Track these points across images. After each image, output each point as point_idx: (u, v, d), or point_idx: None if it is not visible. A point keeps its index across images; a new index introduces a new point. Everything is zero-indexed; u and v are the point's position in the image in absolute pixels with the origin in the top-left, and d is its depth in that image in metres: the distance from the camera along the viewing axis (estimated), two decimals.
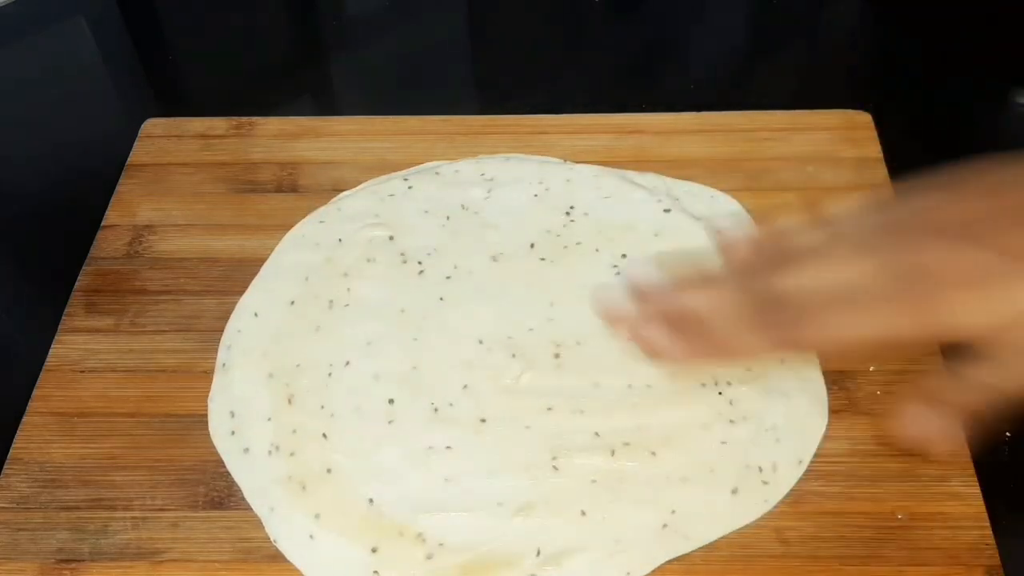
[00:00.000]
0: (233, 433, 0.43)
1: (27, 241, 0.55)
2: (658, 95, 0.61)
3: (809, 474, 0.42)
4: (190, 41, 0.68)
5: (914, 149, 0.54)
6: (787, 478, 0.42)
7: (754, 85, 0.63)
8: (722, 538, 0.40)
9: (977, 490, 0.41)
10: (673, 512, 0.41)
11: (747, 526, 0.41)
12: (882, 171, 0.52)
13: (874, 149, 0.54)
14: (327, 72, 0.67)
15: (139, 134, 0.56)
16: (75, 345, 0.47)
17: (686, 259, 0.43)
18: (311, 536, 0.40)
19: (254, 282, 0.49)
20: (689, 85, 0.63)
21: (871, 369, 0.45)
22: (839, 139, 0.54)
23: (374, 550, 0.40)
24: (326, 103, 0.65)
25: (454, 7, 0.70)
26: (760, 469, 0.42)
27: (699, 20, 0.68)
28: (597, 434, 0.42)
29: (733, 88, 0.63)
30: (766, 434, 0.43)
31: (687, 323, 0.41)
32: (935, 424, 0.38)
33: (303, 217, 0.52)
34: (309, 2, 0.72)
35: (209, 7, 0.70)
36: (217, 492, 0.42)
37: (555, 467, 0.42)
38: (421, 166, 0.54)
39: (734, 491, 0.41)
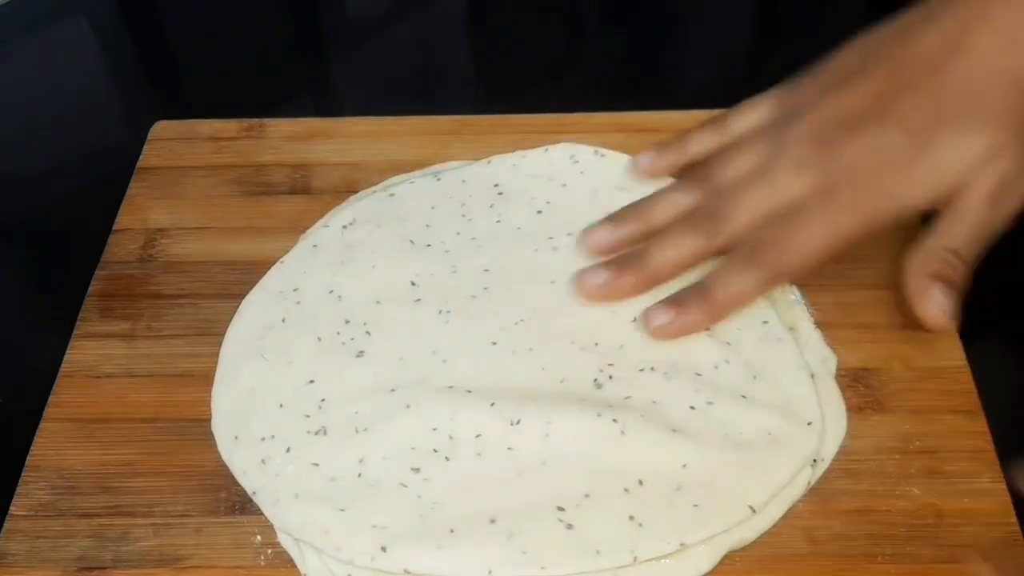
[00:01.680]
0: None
1: (38, 245, 0.54)
2: (660, 94, 0.61)
3: (835, 472, 0.42)
4: (191, 40, 0.68)
5: None
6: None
7: (760, 84, 0.63)
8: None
9: (1004, 486, 0.41)
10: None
11: (775, 525, 0.40)
12: None
13: None
14: (328, 72, 0.67)
15: (148, 137, 0.56)
16: (90, 350, 0.47)
17: (636, 211, 0.47)
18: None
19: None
20: (691, 84, 0.63)
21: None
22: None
23: None
24: (326, 103, 0.65)
25: (454, 7, 0.70)
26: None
27: (700, 19, 0.68)
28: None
29: (735, 87, 0.63)
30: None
31: (684, 292, 0.44)
32: (939, 299, 0.42)
33: (317, 219, 0.51)
34: (310, 1, 0.72)
35: (209, 6, 0.69)
36: (239, 497, 0.42)
37: (586, 495, 0.41)
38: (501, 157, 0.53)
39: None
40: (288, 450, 0.42)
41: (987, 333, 0.47)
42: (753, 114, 0.47)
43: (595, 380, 0.43)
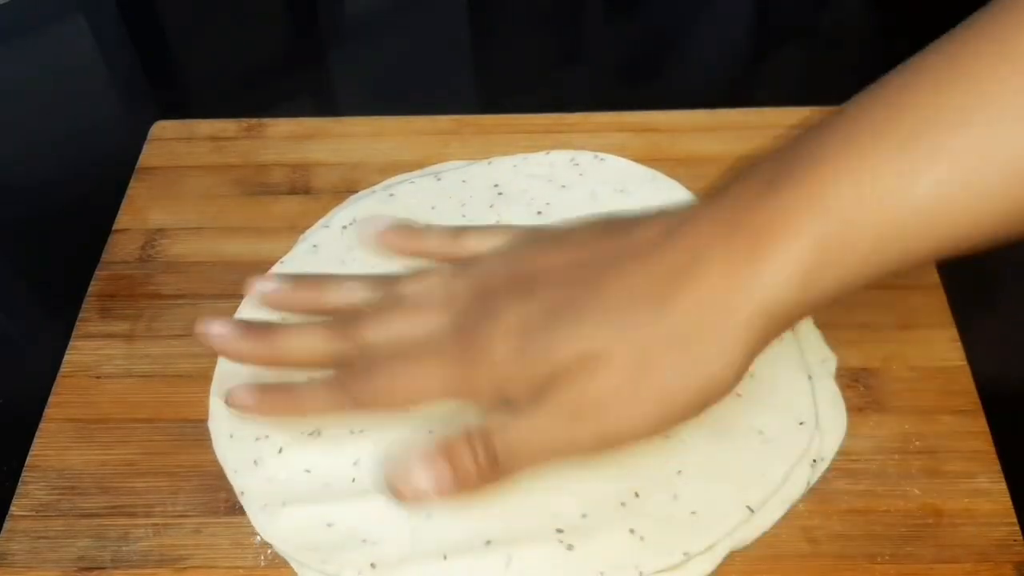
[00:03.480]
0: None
1: (37, 245, 0.54)
2: (662, 94, 0.61)
3: (834, 472, 0.42)
4: (190, 41, 0.68)
5: None
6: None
7: (761, 84, 0.63)
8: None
9: (1004, 486, 0.41)
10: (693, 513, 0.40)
11: (774, 525, 0.40)
12: None
13: None
14: (327, 72, 0.67)
15: (148, 137, 0.56)
16: (90, 351, 0.47)
17: (315, 283, 0.44)
18: None
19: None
20: (692, 83, 0.63)
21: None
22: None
23: None
24: (325, 103, 0.65)
25: (455, 6, 0.70)
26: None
27: (701, 18, 0.68)
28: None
29: (737, 87, 0.63)
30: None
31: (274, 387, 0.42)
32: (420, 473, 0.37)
33: (316, 219, 0.51)
34: (310, 2, 0.72)
35: (209, 6, 0.69)
36: (238, 497, 0.42)
37: (583, 515, 0.40)
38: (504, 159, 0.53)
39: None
40: (280, 451, 0.42)
41: (987, 332, 0.47)
42: (487, 242, 0.43)
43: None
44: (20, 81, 0.64)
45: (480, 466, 0.37)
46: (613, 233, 0.39)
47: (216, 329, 0.42)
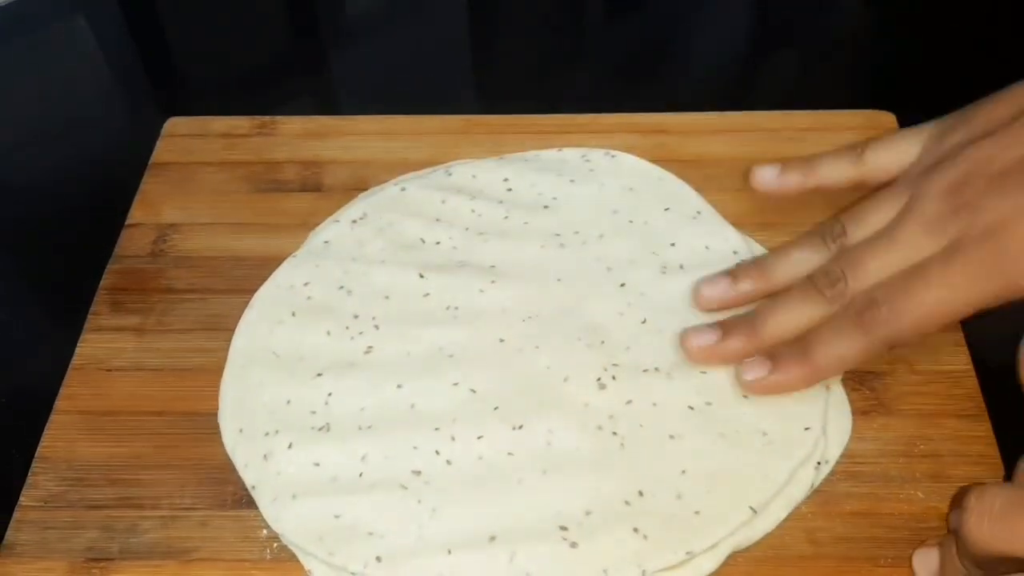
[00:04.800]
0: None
1: (42, 244, 0.55)
2: (662, 94, 0.61)
3: (838, 475, 0.42)
4: (191, 41, 0.68)
5: None
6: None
7: (760, 85, 0.63)
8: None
9: None
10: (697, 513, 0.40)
11: (777, 526, 0.40)
12: None
13: None
14: (329, 72, 0.67)
15: (162, 133, 0.56)
16: (101, 344, 0.47)
17: (757, 268, 0.45)
18: None
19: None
20: (693, 84, 0.63)
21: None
22: (863, 137, 0.54)
23: None
24: (327, 103, 0.65)
25: (454, 7, 0.70)
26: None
27: (701, 19, 0.68)
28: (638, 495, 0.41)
29: (737, 88, 0.63)
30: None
31: (784, 347, 0.41)
32: None
33: (326, 217, 0.52)
34: (310, 2, 0.72)
35: (209, 6, 0.69)
36: (245, 491, 0.42)
37: (587, 512, 0.40)
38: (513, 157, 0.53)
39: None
40: (290, 446, 0.42)
41: (993, 336, 0.47)
42: (892, 152, 0.43)
43: (598, 380, 0.44)
44: (19, 81, 0.64)
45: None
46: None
47: (699, 341, 0.43)
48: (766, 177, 0.46)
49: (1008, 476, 0.40)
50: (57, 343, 0.48)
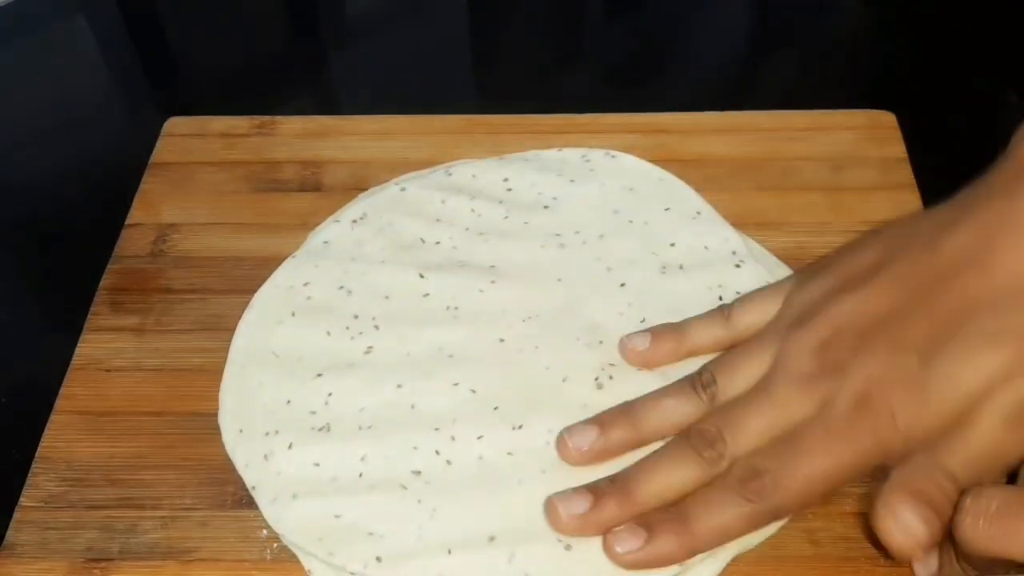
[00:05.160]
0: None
1: (41, 244, 0.55)
2: (662, 95, 0.61)
3: None
4: (191, 41, 0.68)
5: (934, 150, 0.54)
6: None
7: (760, 85, 0.63)
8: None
9: None
10: None
11: (779, 527, 0.40)
12: (907, 172, 0.52)
13: (899, 149, 0.53)
14: (327, 73, 0.67)
15: (161, 133, 0.56)
16: (101, 344, 0.47)
17: (625, 416, 0.42)
18: None
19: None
20: (692, 84, 0.63)
21: None
22: (864, 139, 0.54)
23: None
24: (326, 104, 0.65)
25: (454, 8, 0.70)
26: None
27: (701, 19, 0.68)
28: None
29: (737, 88, 0.63)
30: None
31: (661, 514, 0.38)
32: (909, 520, 0.35)
33: (326, 216, 0.52)
34: (310, 2, 0.72)
35: (209, 6, 0.69)
36: (245, 491, 0.42)
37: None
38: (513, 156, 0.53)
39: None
40: (290, 446, 0.42)
41: None
42: (757, 310, 0.42)
43: (596, 379, 0.44)
44: (19, 82, 0.64)
45: (949, 495, 0.36)
46: (914, 253, 0.39)
47: (570, 510, 0.39)
48: (638, 346, 0.44)
49: (1010, 478, 0.40)
50: (57, 343, 0.48)
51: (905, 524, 0.35)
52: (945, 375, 0.36)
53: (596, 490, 0.39)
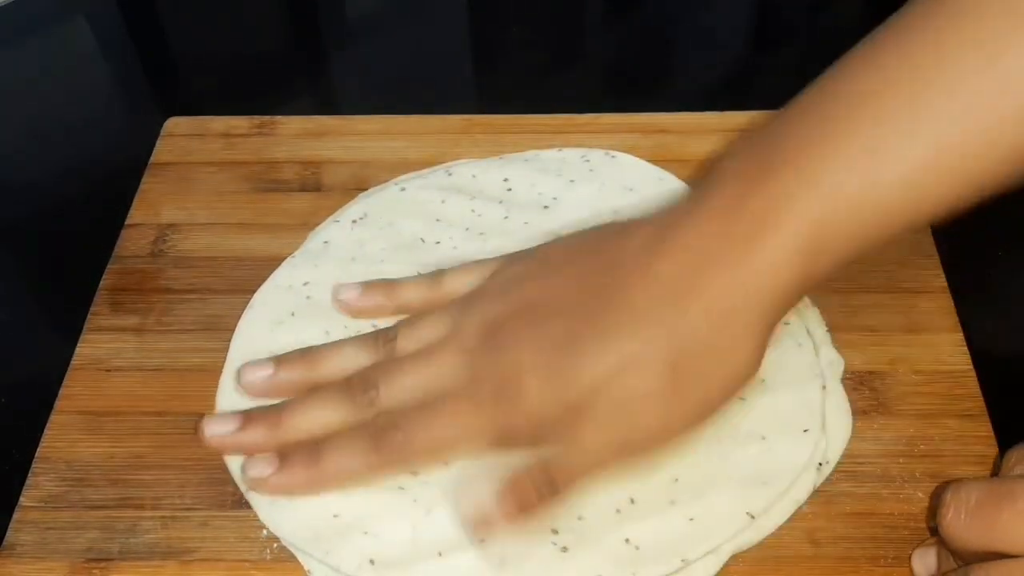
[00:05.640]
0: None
1: (41, 244, 0.55)
2: (661, 94, 0.61)
3: (839, 475, 0.42)
4: (191, 41, 0.68)
5: None
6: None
7: (760, 84, 0.63)
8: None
9: None
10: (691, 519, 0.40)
11: (778, 527, 0.40)
12: None
13: None
14: (327, 74, 0.67)
15: (161, 133, 0.56)
16: (101, 344, 0.47)
17: (304, 357, 0.43)
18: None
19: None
20: (692, 84, 0.63)
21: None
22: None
23: None
24: (326, 104, 0.65)
25: (454, 8, 0.70)
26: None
27: (701, 19, 0.68)
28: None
29: (736, 88, 0.63)
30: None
31: (298, 448, 0.40)
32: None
33: (326, 216, 0.52)
34: (310, 2, 0.72)
35: (209, 6, 0.69)
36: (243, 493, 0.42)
37: (579, 517, 0.40)
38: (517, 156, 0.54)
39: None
40: None
41: (994, 336, 0.47)
42: (466, 279, 0.43)
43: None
44: (21, 81, 0.64)
45: (542, 495, 0.37)
46: (603, 246, 0.40)
47: (214, 429, 0.41)
48: (349, 296, 0.45)
49: None
50: (57, 343, 0.48)
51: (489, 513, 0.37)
52: (572, 363, 0.37)
53: (248, 415, 0.41)
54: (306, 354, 0.43)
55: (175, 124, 0.57)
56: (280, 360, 0.43)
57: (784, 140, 0.36)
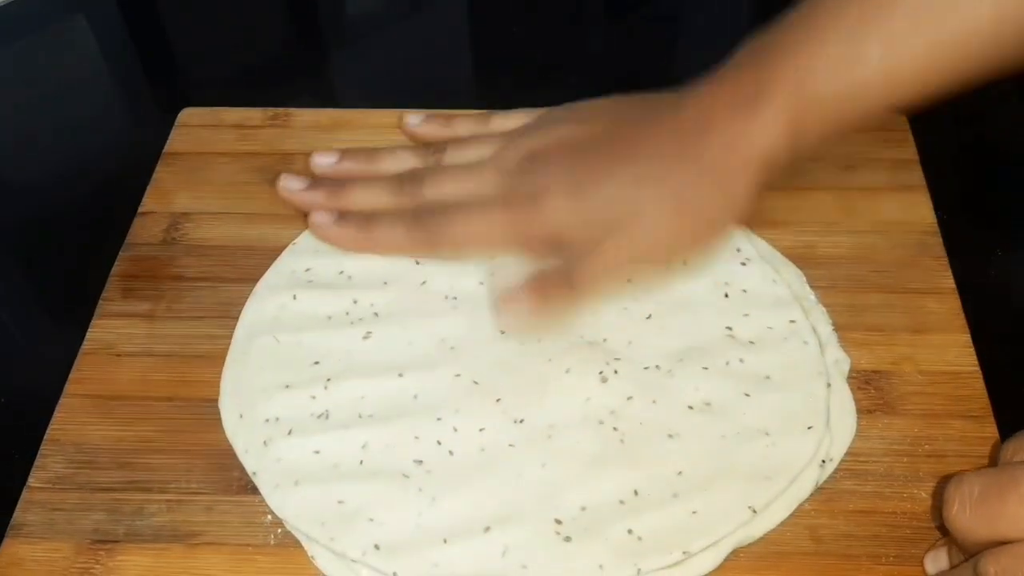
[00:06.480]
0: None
1: (40, 245, 0.55)
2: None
3: (842, 473, 0.42)
4: (191, 40, 0.69)
5: (943, 150, 0.54)
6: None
7: None
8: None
9: None
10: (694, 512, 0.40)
11: (780, 523, 0.40)
12: (917, 173, 0.52)
13: (910, 151, 0.53)
14: (327, 73, 0.68)
15: (176, 123, 0.57)
16: (112, 329, 0.48)
17: (366, 154, 0.51)
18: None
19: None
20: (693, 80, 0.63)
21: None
22: (875, 140, 0.54)
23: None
24: (326, 103, 0.65)
25: (454, 8, 0.71)
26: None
27: (702, 18, 0.68)
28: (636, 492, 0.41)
29: None
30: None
31: (353, 216, 0.49)
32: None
33: None
34: (310, 1, 0.73)
35: (209, 6, 0.70)
36: (250, 477, 0.42)
37: (583, 508, 0.41)
38: None
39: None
40: (290, 432, 0.43)
41: (1000, 337, 0.47)
42: (512, 120, 0.50)
43: (600, 373, 0.44)
44: (20, 81, 0.64)
45: (561, 290, 0.44)
46: (635, 105, 0.47)
47: (287, 184, 0.50)
48: (412, 122, 0.53)
49: None
50: (69, 328, 0.48)
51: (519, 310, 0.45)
52: (594, 191, 0.44)
53: (315, 181, 0.51)
54: (369, 151, 0.52)
55: (189, 115, 0.57)
56: (345, 151, 0.52)
57: (783, 35, 0.43)
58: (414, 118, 0.53)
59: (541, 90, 0.61)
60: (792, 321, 0.46)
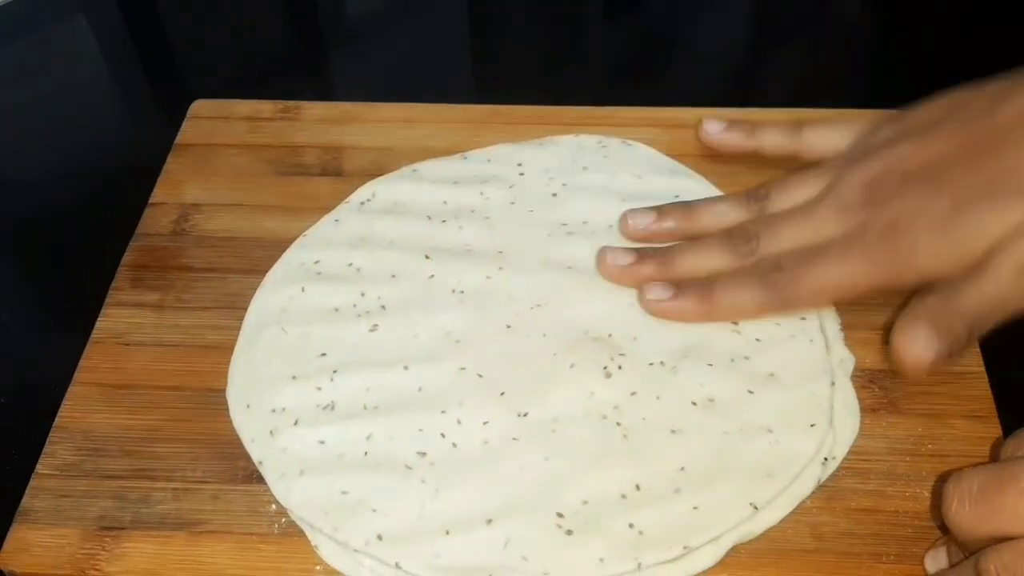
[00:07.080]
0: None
1: (40, 245, 0.56)
2: (662, 93, 0.61)
3: (845, 471, 0.42)
4: (191, 40, 0.69)
5: None
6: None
7: (761, 83, 0.63)
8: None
9: None
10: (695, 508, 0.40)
11: (781, 520, 0.41)
12: None
13: None
14: (327, 73, 0.68)
15: (187, 115, 0.57)
16: (121, 319, 0.48)
17: (683, 210, 0.48)
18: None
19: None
20: (693, 83, 0.63)
21: None
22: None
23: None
24: (326, 101, 0.66)
25: (454, 8, 0.71)
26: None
27: (702, 17, 0.68)
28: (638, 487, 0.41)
29: (738, 86, 0.63)
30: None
31: (690, 287, 0.45)
32: (925, 340, 0.40)
33: (344, 199, 0.52)
34: (310, 2, 0.73)
35: (209, 6, 0.70)
36: (255, 466, 0.43)
37: (584, 501, 0.41)
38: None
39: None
40: (296, 423, 0.43)
41: (1007, 338, 0.47)
42: (828, 135, 0.47)
43: (604, 368, 0.44)
44: (20, 81, 0.65)
45: (960, 334, 0.40)
46: (973, 108, 0.43)
47: (614, 259, 0.46)
48: (712, 129, 0.50)
49: None
50: (78, 317, 0.48)
51: (921, 343, 0.40)
52: (972, 222, 0.40)
53: (641, 252, 0.47)
54: (686, 208, 0.48)
55: (200, 107, 0.58)
56: (662, 211, 0.48)
57: None
58: (715, 125, 0.50)
59: (542, 87, 0.62)
60: (803, 318, 0.46)
